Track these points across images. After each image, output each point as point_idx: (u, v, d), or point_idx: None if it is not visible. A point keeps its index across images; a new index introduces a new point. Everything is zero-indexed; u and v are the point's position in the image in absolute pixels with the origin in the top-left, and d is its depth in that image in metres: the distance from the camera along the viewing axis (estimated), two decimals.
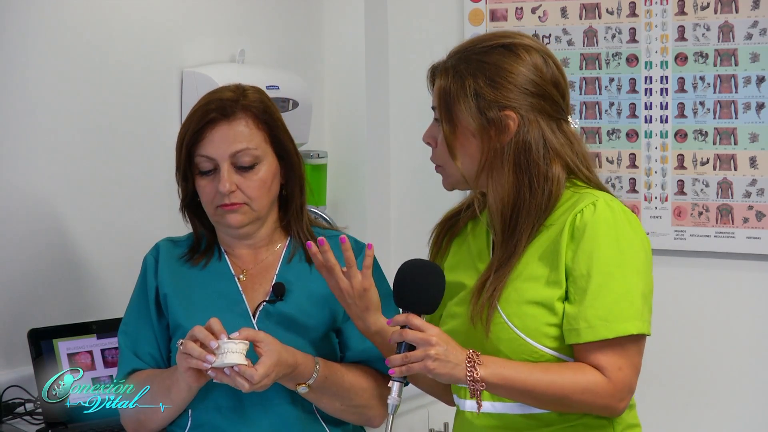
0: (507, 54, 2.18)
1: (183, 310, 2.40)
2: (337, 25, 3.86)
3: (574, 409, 2.13)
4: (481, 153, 2.16)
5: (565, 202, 2.18)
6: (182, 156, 2.39)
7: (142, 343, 2.42)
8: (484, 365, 2.07)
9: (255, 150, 2.38)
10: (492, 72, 2.16)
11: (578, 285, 2.11)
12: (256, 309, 2.40)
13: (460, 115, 2.17)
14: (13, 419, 2.75)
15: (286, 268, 2.45)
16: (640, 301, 2.11)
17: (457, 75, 2.17)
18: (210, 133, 2.37)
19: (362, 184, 3.84)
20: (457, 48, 2.23)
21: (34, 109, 2.91)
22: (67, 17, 2.98)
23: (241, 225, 2.39)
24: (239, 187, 2.36)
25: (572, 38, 3.71)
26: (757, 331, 3.52)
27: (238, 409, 2.35)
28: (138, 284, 2.48)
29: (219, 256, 2.46)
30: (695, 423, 3.61)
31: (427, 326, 2.07)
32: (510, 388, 2.09)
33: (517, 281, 2.16)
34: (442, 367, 2.05)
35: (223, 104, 2.38)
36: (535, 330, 2.13)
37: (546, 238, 2.17)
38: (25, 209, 2.89)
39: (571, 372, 2.09)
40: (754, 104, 3.48)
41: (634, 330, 2.09)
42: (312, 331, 2.40)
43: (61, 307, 2.93)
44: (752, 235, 3.51)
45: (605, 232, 2.12)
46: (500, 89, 2.15)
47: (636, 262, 2.13)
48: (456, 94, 2.17)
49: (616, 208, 2.14)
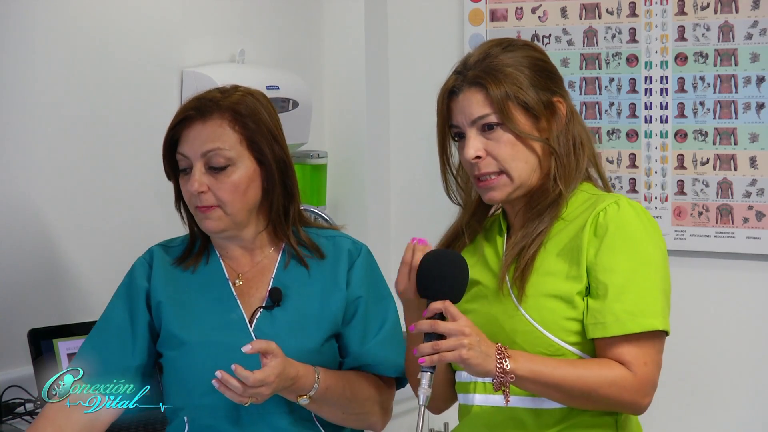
0: (531, 50, 2.24)
1: (178, 319, 2.35)
2: (337, 25, 3.86)
3: (600, 405, 2.13)
4: (539, 149, 2.20)
5: (585, 201, 2.22)
6: (164, 155, 2.37)
7: (112, 355, 2.37)
8: (513, 358, 2.07)
9: (228, 151, 2.31)
10: (534, 66, 2.21)
11: (601, 280, 2.13)
12: (253, 315, 2.36)
13: (519, 115, 2.18)
14: (13, 419, 2.75)
15: (283, 272, 2.40)
16: (662, 299, 2.16)
17: (510, 79, 2.18)
18: (186, 131, 2.33)
19: (362, 183, 3.84)
20: (477, 58, 2.22)
21: (33, 110, 2.91)
22: (66, 17, 2.98)
23: (217, 231, 2.34)
24: (211, 189, 2.31)
25: (572, 38, 3.71)
26: (758, 331, 3.52)
27: (234, 416, 2.31)
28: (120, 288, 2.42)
29: (211, 259, 2.41)
30: (696, 423, 3.61)
31: (460, 315, 2.06)
32: (538, 381, 2.09)
33: (534, 276, 2.17)
34: (475, 357, 2.03)
35: (201, 103, 2.34)
36: (554, 323, 2.14)
37: (565, 235, 2.19)
38: (24, 209, 2.89)
39: (597, 366, 2.11)
40: (754, 104, 3.48)
41: (660, 326, 2.12)
42: (311, 337, 2.35)
43: (60, 307, 2.93)
44: (752, 235, 3.51)
45: (630, 230, 2.15)
46: (548, 80, 2.22)
47: (658, 260, 2.17)
48: (515, 95, 2.17)
49: (638, 208, 2.19)
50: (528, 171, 2.20)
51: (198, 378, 2.30)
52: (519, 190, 2.21)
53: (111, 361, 2.35)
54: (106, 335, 2.39)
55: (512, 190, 2.20)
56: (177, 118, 2.36)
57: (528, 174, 2.20)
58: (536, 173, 2.21)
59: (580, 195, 2.23)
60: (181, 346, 2.34)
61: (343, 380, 2.35)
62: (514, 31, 3.77)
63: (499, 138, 2.18)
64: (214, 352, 2.30)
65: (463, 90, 2.20)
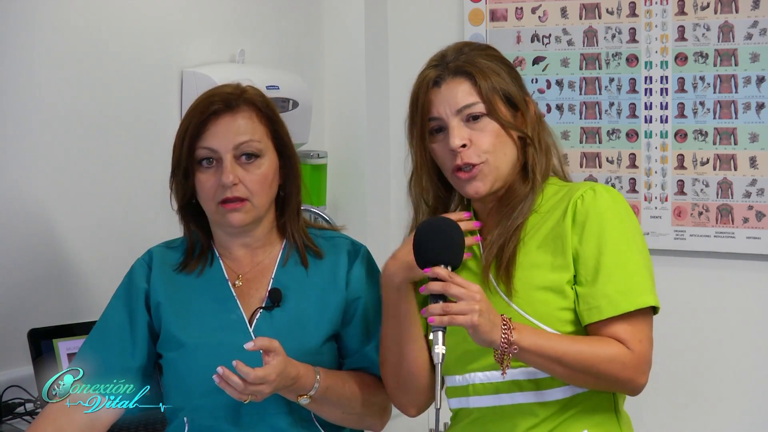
0: (498, 52, 2.29)
1: (177, 320, 2.36)
2: (337, 25, 3.86)
3: (600, 382, 2.14)
4: (518, 142, 2.23)
5: (557, 192, 2.24)
6: (183, 150, 2.35)
7: (113, 356, 2.37)
8: (518, 330, 2.07)
9: (258, 143, 2.34)
10: (507, 64, 2.26)
11: (589, 265, 2.15)
12: (252, 316, 2.36)
13: (502, 107, 2.21)
14: (13, 419, 2.75)
15: (282, 271, 2.40)
16: (648, 276, 2.19)
17: (492, 71, 2.21)
18: (213, 124, 2.34)
19: (362, 183, 3.84)
20: (454, 53, 2.25)
21: (33, 110, 2.91)
22: (66, 18, 2.98)
23: (242, 224, 2.35)
24: (241, 181, 2.32)
25: (572, 38, 3.71)
26: (758, 331, 3.52)
27: (234, 416, 2.32)
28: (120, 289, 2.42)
29: (213, 261, 2.42)
30: (696, 423, 3.61)
31: (469, 283, 2.05)
32: (540, 354, 2.09)
33: (520, 270, 2.17)
34: (484, 324, 2.02)
35: (226, 97, 2.36)
36: (547, 315, 2.15)
37: (543, 227, 2.20)
38: (24, 209, 2.89)
39: (597, 342, 2.13)
40: (754, 104, 3.48)
41: (652, 302, 2.16)
42: (311, 338, 2.36)
43: (60, 307, 2.93)
44: (752, 235, 3.51)
45: (611, 213, 2.18)
46: (519, 79, 2.27)
47: (639, 239, 2.21)
48: (500, 86, 2.21)
49: (613, 192, 2.23)
50: (507, 163, 2.22)
51: (198, 379, 2.30)
52: (499, 182, 2.21)
53: (111, 362, 2.35)
54: (106, 336, 2.39)
55: (494, 179, 2.21)
56: (204, 112, 2.35)
57: (507, 166, 2.22)
58: (514, 167, 2.23)
59: (550, 188, 2.25)
60: (180, 347, 2.34)
61: (342, 380, 2.35)
62: (514, 31, 3.77)
63: (484, 128, 2.20)
64: (214, 353, 2.30)
65: (446, 80, 2.21)
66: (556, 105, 3.74)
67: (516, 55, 3.77)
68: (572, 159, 3.72)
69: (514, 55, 3.76)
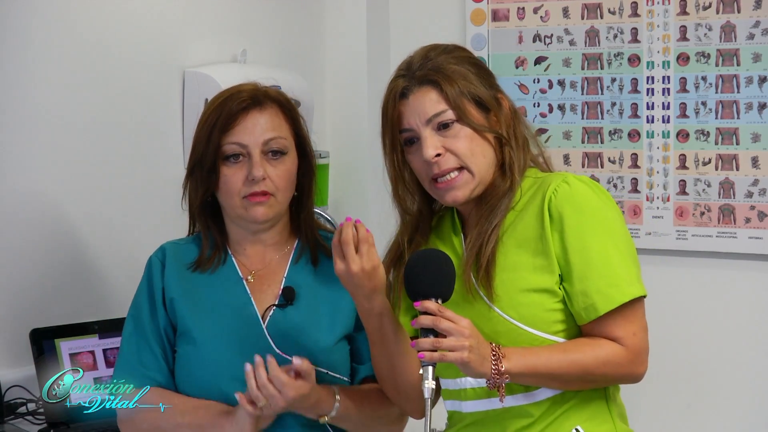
0: (466, 51, 2.26)
1: (191, 315, 2.38)
2: (339, 25, 3.86)
3: (598, 383, 2.15)
4: (494, 142, 2.20)
5: (531, 186, 2.21)
6: (210, 145, 2.35)
7: (149, 355, 2.40)
8: (507, 357, 2.07)
9: (284, 140, 2.38)
10: (475, 64, 2.23)
11: (575, 262, 2.13)
12: (265, 313, 2.38)
13: (473, 110, 2.19)
14: (15, 419, 2.75)
15: (294, 270, 2.43)
16: (634, 265, 2.16)
17: (459, 75, 2.18)
18: (243, 120, 2.36)
19: (364, 183, 3.84)
20: (420, 60, 2.21)
21: (36, 110, 2.91)
22: (68, 18, 2.98)
23: (265, 219, 2.37)
24: (268, 176, 2.35)
25: (574, 38, 3.71)
26: (759, 331, 3.52)
27: None
28: (143, 286, 2.45)
29: (226, 259, 2.43)
30: (696, 423, 3.61)
31: (459, 317, 2.05)
32: (533, 374, 2.10)
33: (500, 272, 2.16)
34: (475, 360, 2.03)
35: (253, 93, 2.38)
36: (533, 317, 2.14)
37: (520, 226, 2.18)
38: (27, 210, 2.89)
39: (589, 347, 2.12)
40: (756, 104, 3.48)
41: (641, 292, 2.14)
42: (323, 337, 2.38)
43: (63, 307, 2.93)
44: (754, 235, 3.51)
45: (587, 206, 2.15)
46: (489, 77, 2.24)
47: (621, 227, 2.18)
48: (467, 90, 2.18)
49: (587, 180, 2.19)
50: (486, 165, 2.20)
51: (210, 373, 2.34)
52: (479, 187, 2.20)
53: (151, 378, 2.39)
54: (144, 350, 2.40)
55: (474, 186, 2.19)
56: (234, 107, 2.35)
57: (486, 169, 2.20)
58: (492, 167, 2.21)
59: (526, 181, 2.23)
60: (193, 341, 2.37)
61: (360, 398, 2.37)
62: (516, 31, 3.77)
63: (457, 134, 2.18)
64: (227, 348, 2.33)
65: (413, 91, 2.19)
66: (558, 105, 3.74)
67: (518, 55, 3.77)
68: (574, 159, 3.72)
69: (515, 55, 3.76)
